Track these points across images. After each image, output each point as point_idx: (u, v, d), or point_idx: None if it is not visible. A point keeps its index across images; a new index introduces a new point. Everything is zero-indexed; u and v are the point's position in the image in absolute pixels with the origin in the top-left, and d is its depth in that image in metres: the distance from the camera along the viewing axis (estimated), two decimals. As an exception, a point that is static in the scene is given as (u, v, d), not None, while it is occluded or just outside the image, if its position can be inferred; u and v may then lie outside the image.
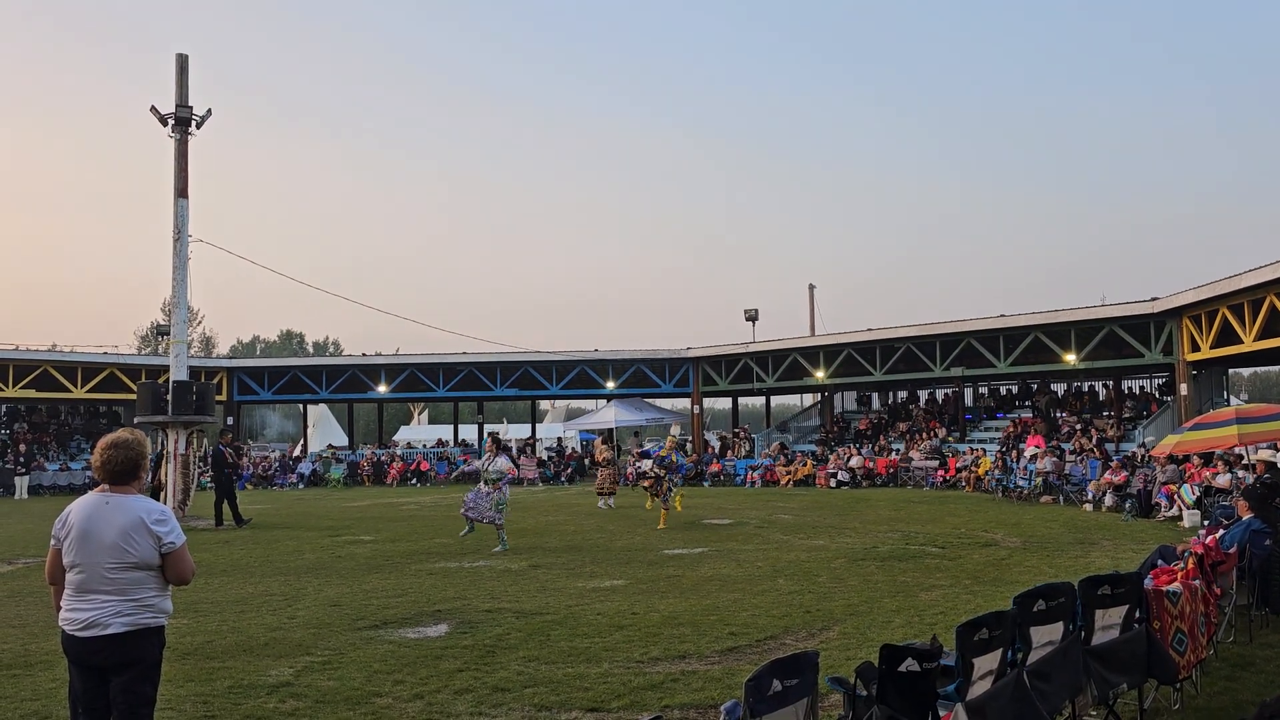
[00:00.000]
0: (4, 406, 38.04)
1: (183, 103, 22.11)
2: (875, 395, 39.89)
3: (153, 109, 22.08)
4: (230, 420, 38.67)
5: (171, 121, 22.06)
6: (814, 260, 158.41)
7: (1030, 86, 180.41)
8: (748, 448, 36.98)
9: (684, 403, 40.29)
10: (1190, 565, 6.92)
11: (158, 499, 15.01)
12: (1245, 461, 17.11)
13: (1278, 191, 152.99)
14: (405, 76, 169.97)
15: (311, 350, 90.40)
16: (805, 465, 32.17)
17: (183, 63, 22.31)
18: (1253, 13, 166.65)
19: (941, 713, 4.29)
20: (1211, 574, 7.19)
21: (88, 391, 35.64)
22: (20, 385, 34.22)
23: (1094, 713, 5.71)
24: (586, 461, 36.99)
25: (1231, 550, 7.91)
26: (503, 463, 16.08)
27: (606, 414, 39.73)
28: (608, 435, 33.85)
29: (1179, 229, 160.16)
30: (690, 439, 36.55)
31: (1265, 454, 12.86)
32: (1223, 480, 17.36)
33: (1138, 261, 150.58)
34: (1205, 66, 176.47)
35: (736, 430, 39.85)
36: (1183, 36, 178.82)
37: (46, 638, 8.62)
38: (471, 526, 15.96)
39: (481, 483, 15.93)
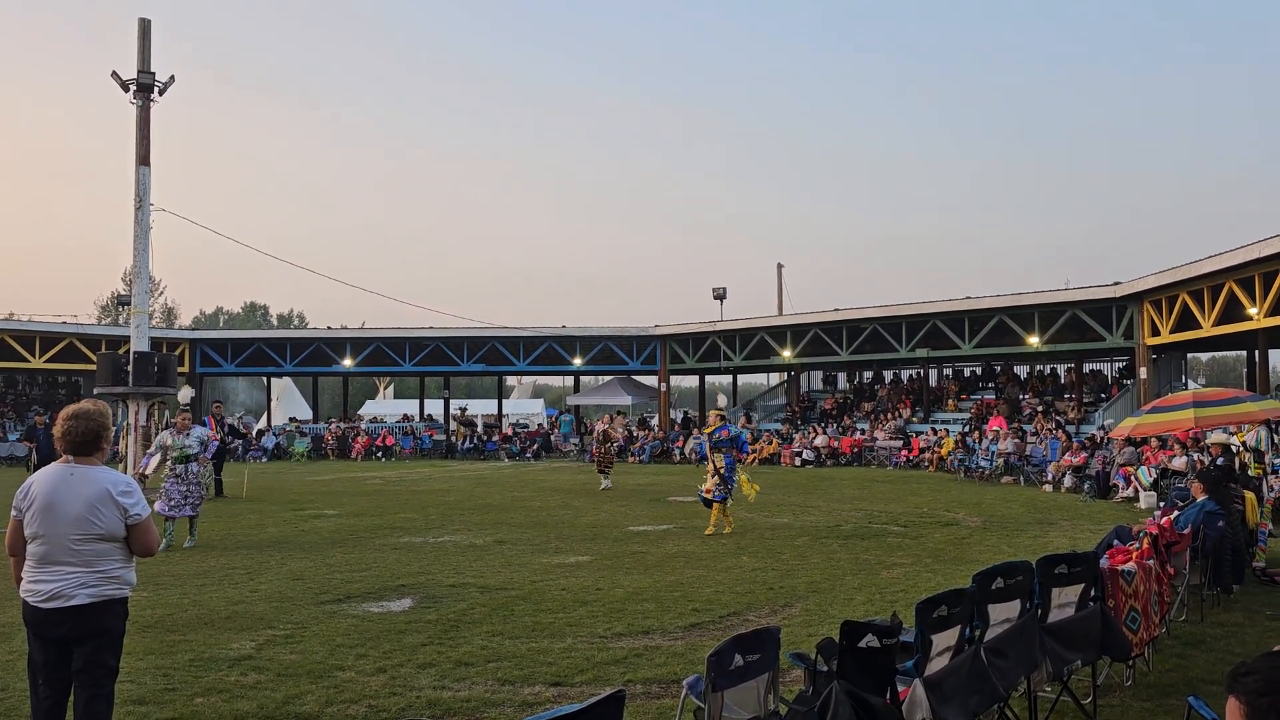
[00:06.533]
0: (-40, 376, 37.43)
1: (145, 68, 21.66)
2: (841, 375, 40.15)
3: (114, 74, 21.62)
4: (192, 392, 38.22)
5: (133, 87, 21.62)
6: (782, 239, 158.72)
7: (999, 70, 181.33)
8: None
9: (651, 380, 40.36)
10: (1145, 545, 7.06)
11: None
12: (1203, 444, 17.39)
13: (1243, 179, 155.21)
14: (374, 46, 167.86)
15: (276, 323, 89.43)
16: (771, 444, 32.36)
17: (145, 28, 21.85)
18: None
19: (900, 688, 4.36)
20: (1166, 554, 7.33)
21: (46, 361, 35.09)
22: (-24, 354, 33.67)
23: (1049, 688, 5.82)
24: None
25: (1185, 531, 8.06)
26: (201, 432, 13.68)
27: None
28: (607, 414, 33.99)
29: (1146, 215, 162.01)
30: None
31: (1219, 437, 13.07)
32: (1179, 463, 17.67)
33: (1104, 247, 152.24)
34: (1178, 55, 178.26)
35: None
36: (1157, 22, 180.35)
37: (3, 610, 8.52)
38: (172, 535, 12.88)
39: (175, 463, 13.20)
